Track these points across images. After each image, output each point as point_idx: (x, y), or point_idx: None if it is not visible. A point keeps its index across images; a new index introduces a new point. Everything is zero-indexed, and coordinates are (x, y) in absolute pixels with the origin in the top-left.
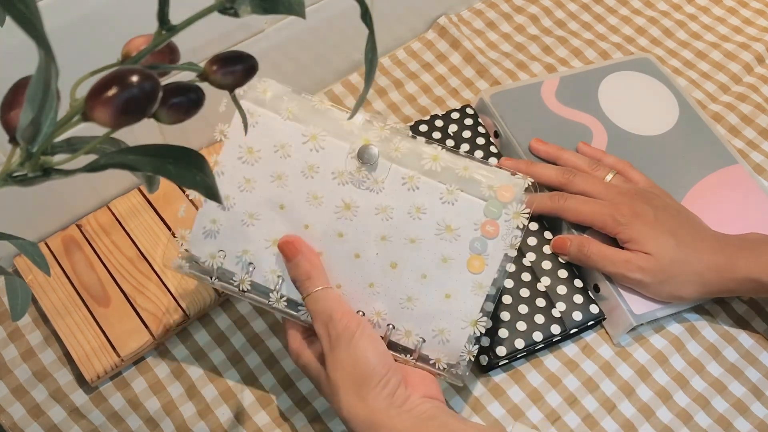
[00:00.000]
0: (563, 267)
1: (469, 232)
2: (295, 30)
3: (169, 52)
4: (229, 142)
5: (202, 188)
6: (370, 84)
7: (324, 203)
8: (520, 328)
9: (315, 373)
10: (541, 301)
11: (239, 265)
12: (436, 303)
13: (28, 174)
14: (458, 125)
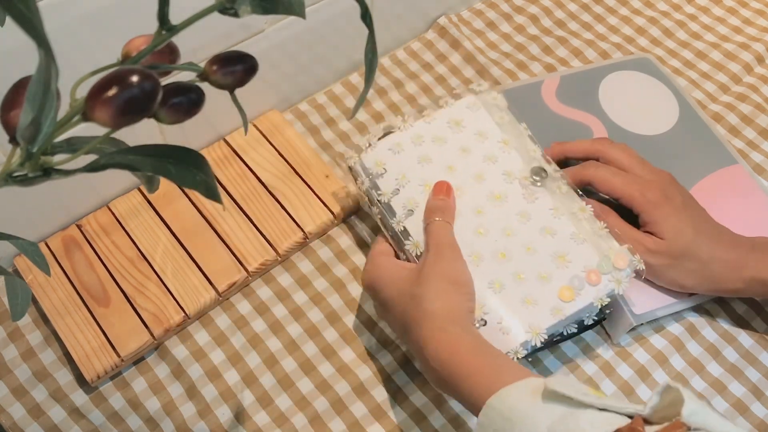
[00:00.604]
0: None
1: (576, 270)
2: (295, 30)
3: (169, 52)
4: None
5: (202, 188)
6: (370, 84)
7: (483, 185)
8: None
9: (398, 268)
10: None
11: (390, 185)
12: (516, 300)
13: (29, 174)
14: None
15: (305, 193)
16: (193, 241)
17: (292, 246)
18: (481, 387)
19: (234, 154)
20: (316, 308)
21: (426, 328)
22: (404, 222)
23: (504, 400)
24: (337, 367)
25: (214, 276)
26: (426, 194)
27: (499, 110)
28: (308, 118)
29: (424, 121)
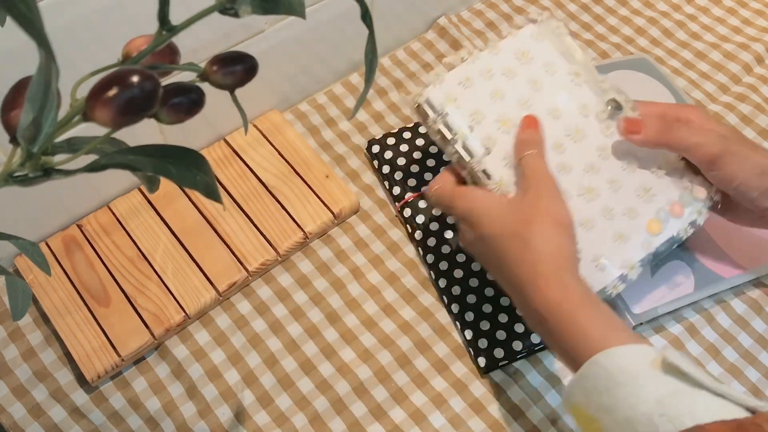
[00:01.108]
0: None
1: (660, 203)
2: (295, 30)
3: (170, 53)
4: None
5: (202, 188)
6: (370, 84)
7: (560, 120)
8: (518, 330)
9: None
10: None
11: (464, 122)
12: (608, 237)
13: (29, 174)
14: None
15: (305, 193)
16: (193, 241)
17: (292, 246)
18: (589, 340)
19: (234, 154)
20: (316, 308)
21: (535, 273)
22: (484, 162)
23: (614, 359)
24: (337, 366)
25: (215, 276)
26: (503, 131)
27: (562, 39)
28: (308, 118)
29: (490, 52)
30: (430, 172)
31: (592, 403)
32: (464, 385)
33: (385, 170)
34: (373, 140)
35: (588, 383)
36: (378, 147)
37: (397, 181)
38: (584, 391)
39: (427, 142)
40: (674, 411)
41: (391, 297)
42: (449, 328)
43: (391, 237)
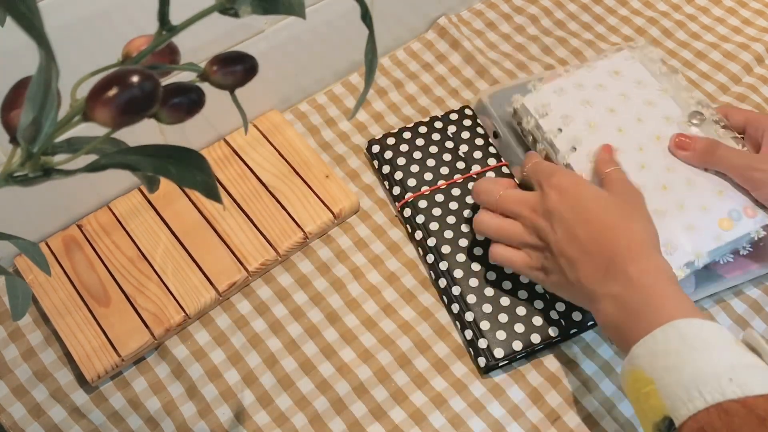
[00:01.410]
0: None
1: (734, 204)
2: (295, 30)
3: (170, 53)
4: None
5: (202, 188)
6: (370, 84)
7: (643, 126)
8: (518, 330)
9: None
10: (539, 302)
11: (554, 123)
12: (679, 227)
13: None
14: (457, 126)
15: (305, 193)
16: (193, 241)
17: (292, 246)
18: (670, 308)
19: (234, 154)
20: (316, 308)
21: (632, 240)
22: (568, 158)
23: (692, 327)
24: (337, 366)
25: (215, 276)
26: (589, 132)
27: (654, 63)
28: (308, 118)
29: (586, 70)
30: (430, 172)
31: (656, 364)
32: (464, 385)
33: (385, 170)
34: (373, 140)
35: (658, 345)
36: (378, 147)
37: (397, 181)
38: (651, 352)
39: (427, 143)
40: (745, 379)
41: (391, 297)
42: (449, 328)
43: (391, 237)
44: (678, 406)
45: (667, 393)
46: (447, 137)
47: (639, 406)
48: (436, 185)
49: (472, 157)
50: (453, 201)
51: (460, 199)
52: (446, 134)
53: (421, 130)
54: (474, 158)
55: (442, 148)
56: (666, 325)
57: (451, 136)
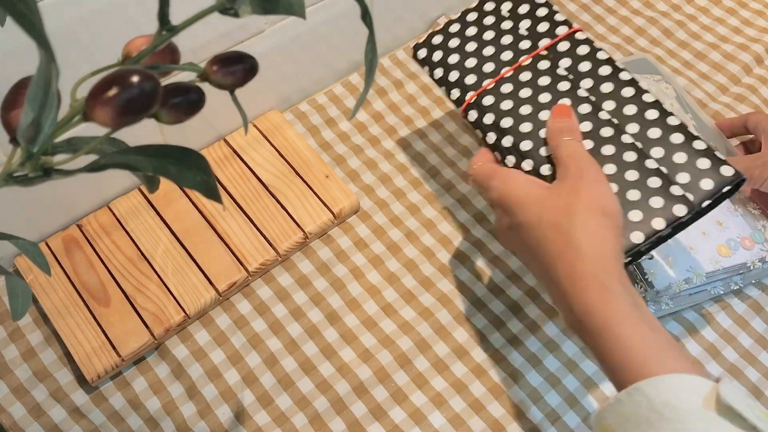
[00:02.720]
0: (677, 130)
1: (732, 234)
2: (295, 30)
3: (170, 53)
4: None
5: (202, 188)
6: (370, 84)
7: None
8: (635, 219)
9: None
10: (654, 180)
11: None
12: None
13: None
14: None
15: (305, 193)
16: (193, 241)
17: (292, 246)
18: (631, 361)
19: (234, 154)
20: (316, 308)
21: (573, 272)
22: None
23: (660, 390)
24: (337, 366)
25: (215, 276)
26: None
27: (669, 99)
28: (308, 119)
29: None
30: (491, 62)
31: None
32: (464, 384)
33: (437, 74)
34: (418, 44)
35: (627, 410)
36: (425, 50)
37: (454, 83)
38: (621, 417)
39: (480, 30)
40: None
41: (392, 297)
42: (449, 328)
43: (392, 237)
44: None
45: None
46: (502, 17)
47: None
48: (500, 74)
49: (536, 32)
50: (524, 87)
51: (532, 83)
52: (500, 14)
53: (470, 17)
54: (538, 32)
55: (499, 31)
56: (631, 389)
57: (508, 15)
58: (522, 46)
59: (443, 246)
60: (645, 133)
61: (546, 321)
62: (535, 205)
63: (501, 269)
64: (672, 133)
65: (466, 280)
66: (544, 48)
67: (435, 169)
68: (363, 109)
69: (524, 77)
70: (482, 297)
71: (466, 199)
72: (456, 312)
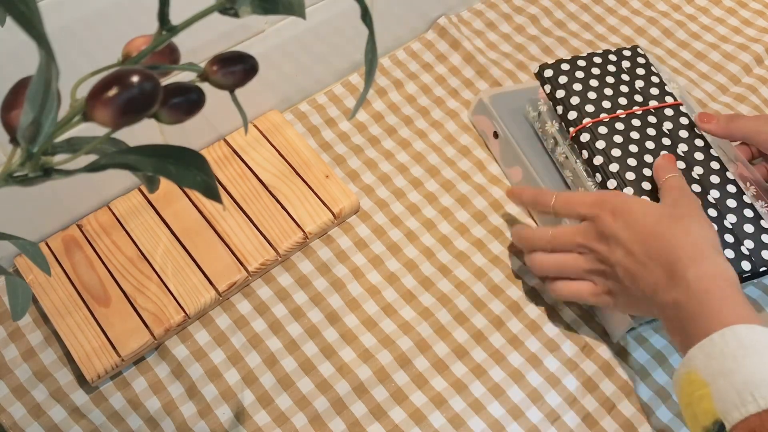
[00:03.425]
0: (749, 207)
1: None
2: (295, 30)
3: (170, 53)
4: None
5: (202, 188)
6: (370, 84)
7: None
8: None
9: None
10: (729, 236)
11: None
12: None
13: (29, 174)
14: (631, 62)
15: (305, 193)
16: (193, 241)
17: (292, 246)
18: (730, 313)
19: (234, 154)
20: (316, 308)
21: (694, 249)
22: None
23: (752, 332)
24: (337, 366)
25: (215, 276)
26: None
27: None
28: (308, 119)
29: None
30: (608, 101)
31: (711, 367)
32: (464, 384)
33: (559, 95)
34: (545, 65)
35: (715, 348)
36: (551, 71)
37: (574, 106)
38: (708, 356)
39: (602, 73)
40: None
41: (392, 297)
42: (449, 328)
43: (392, 237)
44: (730, 409)
45: (720, 396)
46: (622, 70)
47: (691, 409)
48: (615, 113)
49: (649, 93)
50: (634, 131)
51: (641, 130)
52: (621, 68)
53: (596, 60)
54: (651, 94)
55: (619, 80)
56: (725, 329)
57: (626, 70)
58: (636, 99)
59: (443, 246)
60: (724, 201)
61: (546, 321)
62: (652, 209)
63: (501, 269)
64: (745, 208)
65: (466, 280)
66: (653, 107)
67: (435, 169)
68: (363, 109)
69: (635, 123)
70: (482, 297)
71: (466, 199)
72: (456, 312)
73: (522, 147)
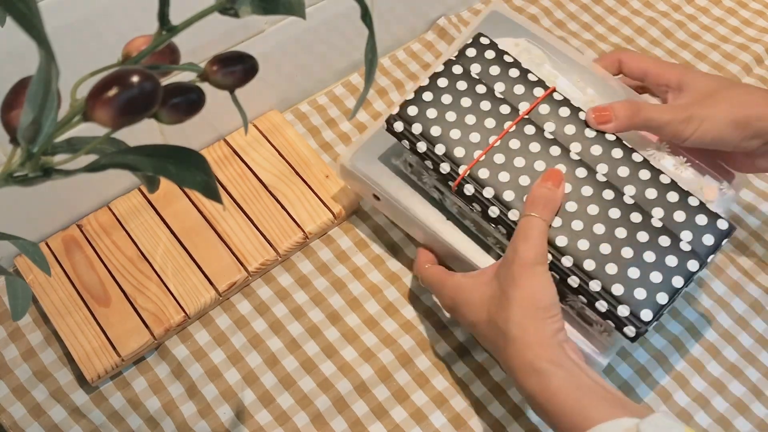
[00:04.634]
0: (671, 188)
1: None
2: (295, 30)
3: (170, 53)
4: None
5: (202, 188)
6: (370, 84)
7: None
8: (656, 280)
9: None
10: (664, 239)
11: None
12: None
13: (29, 174)
14: (480, 63)
15: (305, 193)
16: (193, 241)
17: (292, 246)
18: (570, 424)
19: (234, 154)
20: (317, 308)
21: (513, 366)
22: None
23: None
24: (339, 365)
25: (215, 276)
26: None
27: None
28: (309, 119)
29: None
30: (475, 132)
31: None
32: (465, 384)
33: (421, 148)
34: (392, 117)
35: None
36: (401, 124)
37: (442, 157)
38: None
39: (455, 97)
40: None
41: (393, 296)
42: (451, 327)
43: (392, 237)
44: None
45: None
46: (474, 80)
47: None
48: (489, 145)
49: (514, 95)
50: (517, 157)
51: (523, 151)
52: (471, 77)
53: (441, 83)
54: (516, 95)
55: (475, 97)
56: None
57: (479, 78)
58: (503, 111)
59: None
60: (643, 193)
61: None
62: (481, 307)
63: None
64: (667, 192)
65: None
66: (525, 113)
67: None
68: (363, 110)
69: (514, 145)
70: None
71: None
72: None
73: (410, 207)
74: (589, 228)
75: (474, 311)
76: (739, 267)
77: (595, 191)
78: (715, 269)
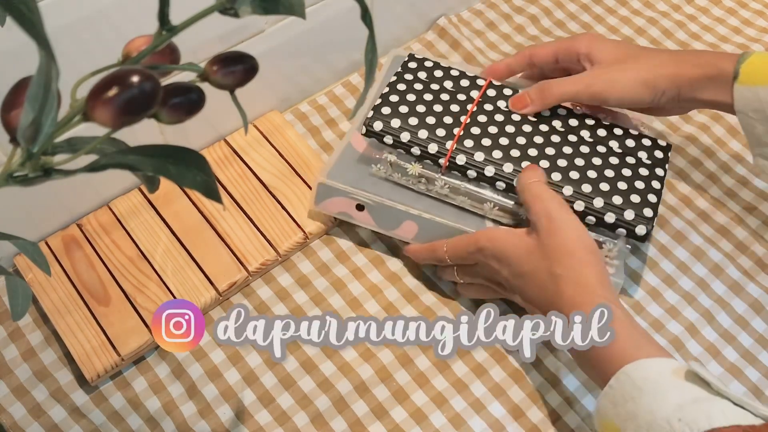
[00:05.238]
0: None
1: None
2: (295, 30)
3: (170, 53)
4: None
5: (202, 188)
6: (371, 84)
7: None
8: (640, 187)
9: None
10: (630, 159)
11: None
12: None
13: (29, 174)
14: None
15: (305, 193)
16: (193, 240)
17: (292, 246)
18: (619, 356)
19: (234, 154)
20: (317, 308)
21: (572, 305)
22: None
23: (640, 370)
24: (339, 365)
25: (215, 276)
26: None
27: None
28: (309, 119)
29: None
30: (448, 115)
31: (619, 413)
32: (465, 384)
33: (404, 138)
34: (368, 120)
35: (616, 393)
36: (379, 123)
37: (426, 139)
38: (612, 402)
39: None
40: (692, 416)
41: (393, 296)
42: None
43: (392, 238)
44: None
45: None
46: (425, 82)
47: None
48: (462, 123)
49: (462, 87)
50: (489, 126)
51: (491, 122)
52: (423, 81)
53: (400, 87)
54: (464, 87)
55: (433, 92)
56: (618, 373)
57: (427, 80)
58: (460, 98)
59: None
60: (596, 133)
61: None
62: (526, 257)
63: None
64: (613, 128)
65: None
66: (479, 96)
67: None
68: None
69: (482, 119)
70: None
71: None
72: (458, 311)
73: (401, 202)
74: (572, 162)
75: (524, 259)
76: (739, 267)
77: (562, 138)
78: (714, 269)
